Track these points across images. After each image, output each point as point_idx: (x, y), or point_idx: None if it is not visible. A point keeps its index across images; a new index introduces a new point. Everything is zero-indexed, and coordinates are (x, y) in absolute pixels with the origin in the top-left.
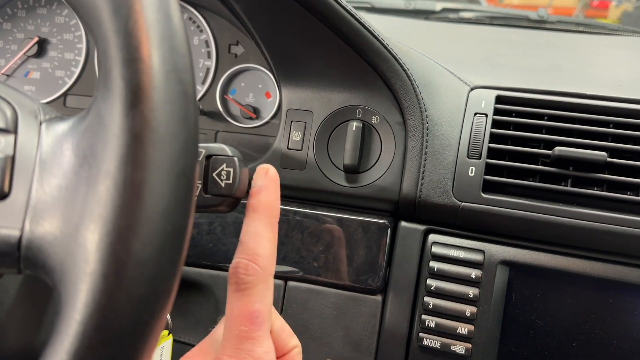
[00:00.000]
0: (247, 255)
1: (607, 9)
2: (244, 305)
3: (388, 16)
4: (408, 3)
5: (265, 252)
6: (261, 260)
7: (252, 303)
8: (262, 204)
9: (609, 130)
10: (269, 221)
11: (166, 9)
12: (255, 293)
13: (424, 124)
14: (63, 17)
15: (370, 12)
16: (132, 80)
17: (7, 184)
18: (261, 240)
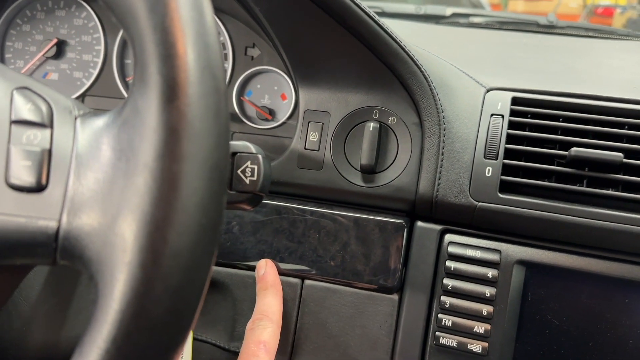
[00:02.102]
0: (261, 314)
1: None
2: (256, 336)
3: (400, 21)
4: (418, 8)
5: (275, 312)
6: (271, 316)
7: (262, 335)
8: (268, 283)
9: (624, 131)
10: (275, 292)
11: (200, 7)
12: (265, 331)
13: (440, 125)
14: (82, 19)
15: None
16: (169, 76)
17: (44, 177)
18: (271, 306)
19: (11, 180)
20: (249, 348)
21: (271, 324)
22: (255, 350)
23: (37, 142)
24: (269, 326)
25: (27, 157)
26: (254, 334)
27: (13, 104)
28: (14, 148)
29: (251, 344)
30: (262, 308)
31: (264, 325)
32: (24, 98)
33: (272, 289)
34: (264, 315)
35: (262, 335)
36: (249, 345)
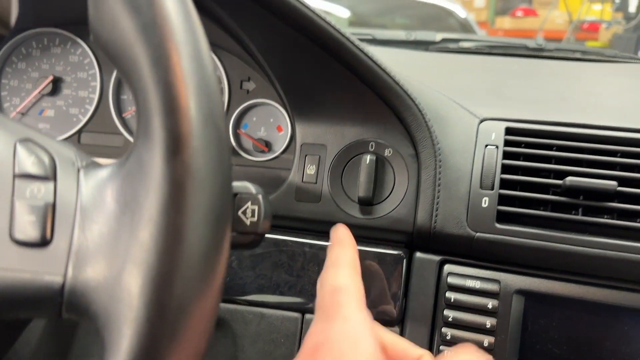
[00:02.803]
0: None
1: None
2: (329, 285)
3: (390, 48)
4: (409, 34)
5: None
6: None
7: (336, 281)
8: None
9: (617, 159)
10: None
11: (201, 59)
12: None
13: (436, 156)
14: (77, 56)
15: (372, 43)
16: (173, 129)
17: (49, 231)
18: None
19: (16, 236)
20: (323, 300)
21: (345, 268)
22: (331, 299)
23: (40, 196)
24: (343, 270)
25: (32, 212)
26: (323, 285)
27: (16, 157)
28: (18, 203)
29: (326, 295)
30: (330, 260)
31: (334, 272)
32: (27, 151)
33: (339, 244)
34: (333, 262)
35: (336, 280)
36: (323, 297)
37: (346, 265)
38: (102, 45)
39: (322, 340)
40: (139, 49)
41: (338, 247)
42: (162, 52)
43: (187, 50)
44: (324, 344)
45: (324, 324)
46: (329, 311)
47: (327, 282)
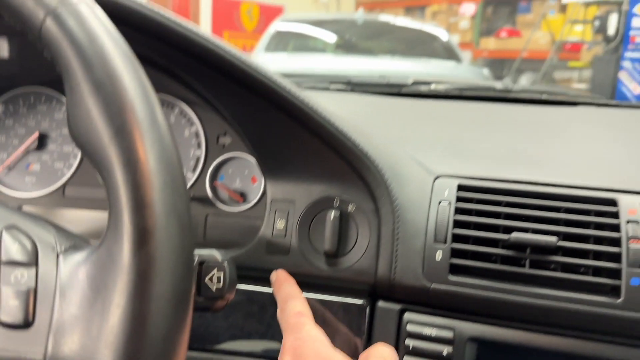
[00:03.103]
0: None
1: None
2: (290, 311)
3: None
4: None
5: (296, 293)
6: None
7: (295, 308)
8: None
9: (560, 215)
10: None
11: (166, 158)
12: (297, 305)
13: (394, 212)
14: (62, 113)
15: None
16: (139, 224)
17: (31, 314)
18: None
19: (1, 318)
20: (288, 323)
21: (299, 299)
22: (296, 320)
23: (24, 281)
24: (298, 301)
25: (16, 297)
26: (286, 312)
27: (2, 245)
28: (4, 288)
29: (290, 319)
30: (282, 295)
31: (293, 303)
32: (12, 238)
33: (286, 282)
34: (287, 297)
35: (294, 308)
36: (288, 321)
37: (298, 296)
38: (78, 143)
39: (299, 344)
40: (111, 151)
41: (286, 284)
42: (132, 155)
43: (154, 152)
44: (300, 346)
45: (295, 335)
46: (295, 328)
47: (290, 310)
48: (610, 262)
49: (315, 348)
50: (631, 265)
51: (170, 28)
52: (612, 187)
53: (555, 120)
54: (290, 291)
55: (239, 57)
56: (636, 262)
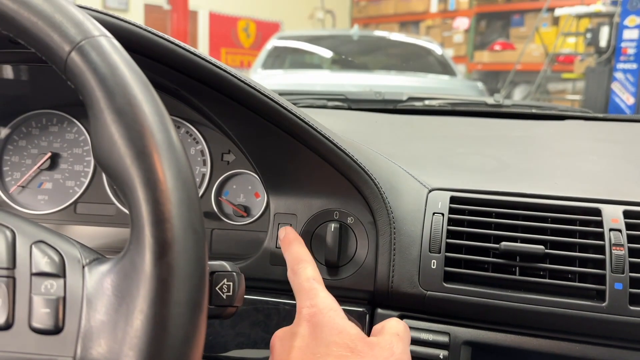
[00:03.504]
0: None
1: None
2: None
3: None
4: (378, 94)
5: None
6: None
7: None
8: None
9: (547, 225)
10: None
11: (184, 177)
12: (307, 269)
13: (391, 224)
14: (73, 133)
15: (344, 103)
16: (160, 237)
17: (61, 321)
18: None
19: (33, 325)
20: (302, 287)
21: (309, 263)
22: (309, 285)
23: (53, 290)
24: (309, 265)
25: (46, 305)
26: (298, 276)
27: (32, 258)
28: (35, 297)
29: (303, 283)
30: (293, 256)
31: (303, 266)
32: (41, 252)
33: (295, 241)
34: (297, 260)
35: (306, 273)
36: (301, 285)
37: (309, 259)
38: (102, 166)
39: (315, 311)
40: (133, 172)
41: (295, 244)
42: (152, 175)
43: (171, 172)
44: (316, 313)
45: (310, 301)
46: (309, 294)
47: (302, 274)
48: (595, 268)
49: (331, 317)
50: (615, 271)
51: (178, 54)
52: (595, 197)
53: (544, 134)
54: (300, 252)
55: (241, 79)
56: (619, 267)
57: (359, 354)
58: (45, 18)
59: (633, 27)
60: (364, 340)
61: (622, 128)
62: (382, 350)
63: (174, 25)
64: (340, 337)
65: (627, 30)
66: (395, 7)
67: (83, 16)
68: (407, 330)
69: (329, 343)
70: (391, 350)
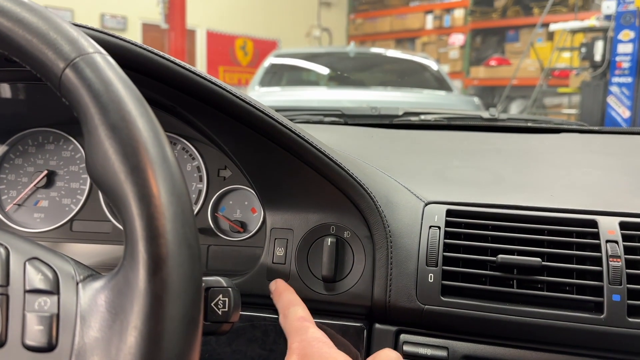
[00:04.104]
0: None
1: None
2: (293, 316)
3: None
4: (375, 109)
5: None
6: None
7: (297, 314)
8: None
9: (544, 237)
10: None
11: (177, 192)
12: (298, 311)
13: (387, 238)
14: (69, 151)
15: (340, 118)
16: (153, 253)
17: (54, 338)
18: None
19: (26, 342)
20: (292, 327)
21: (300, 306)
22: (299, 324)
23: (47, 307)
24: (299, 307)
25: (40, 322)
26: (289, 318)
27: (26, 275)
28: (28, 314)
29: (294, 323)
30: (284, 303)
31: (294, 309)
32: (35, 269)
33: (286, 290)
34: (288, 305)
35: (297, 313)
36: (292, 325)
37: (299, 303)
38: (96, 182)
39: (304, 345)
40: (127, 187)
41: (286, 293)
42: (146, 190)
43: (165, 187)
44: (306, 347)
45: (300, 337)
46: (300, 331)
47: (292, 315)
48: (592, 280)
49: (319, 348)
50: (612, 282)
51: (174, 71)
52: (592, 209)
53: (539, 147)
54: (291, 298)
55: (236, 95)
56: (617, 279)
57: None
58: (39, 35)
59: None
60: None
61: (617, 141)
62: None
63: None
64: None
65: (621, 44)
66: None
67: (77, 33)
68: (399, 358)
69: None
70: None
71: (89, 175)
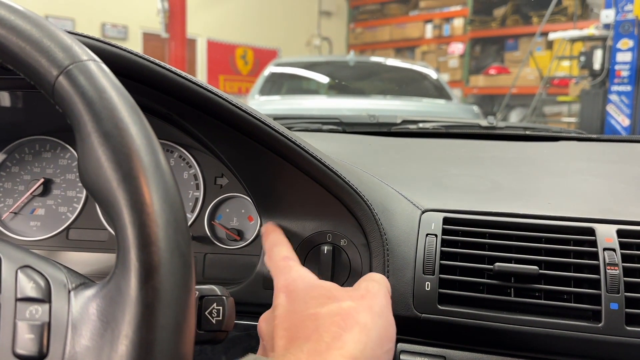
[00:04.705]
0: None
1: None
2: (276, 256)
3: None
4: (373, 117)
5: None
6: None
7: (281, 253)
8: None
9: (541, 245)
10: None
11: (171, 200)
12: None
13: (384, 246)
14: (66, 159)
15: (339, 126)
16: (145, 261)
17: (45, 347)
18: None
19: (17, 351)
20: (277, 266)
21: (284, 245)
22: (284, 263)
23: (38, 316)
24: (284, 246)
25: (31, 331)
26: (273, 258)
27: (18, 283)
28: (19, 323)
29: (279, 262)
30: (269, 243)
31: (279, 248)
32: (26, 277)
33: (272, 232)
34: (273, 244)
35: (281, 253)
36: (277, 264)
37: (284, 242)
38: (88, 189)
39: (290, 282)
40: (119, 195)
41: (272, 234)
42: (138, 198)
43: (158, 194)
44: (291, 283)
45: (285, 276)
46: (284, 270)
47: (276, 255)
48: (590, 288)
49: (305, 282)
50: (610, 290)
51: (170, 79)
52: (589, 217)
53: (537, 155)
54: (276, 239)
55: (232, 102)
56: (614, 287)
57: (335, 299)
58: (33, 43)
59: (626, 49)
60: (339, 288)
61: (616, 149)
62: (357, 291)
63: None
64: (316, 291)
65: (620, 53)
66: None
67: (71, 41)
68: (383, 277)
69: (306, 300)
70: (367, 290)
71: (82, 183)
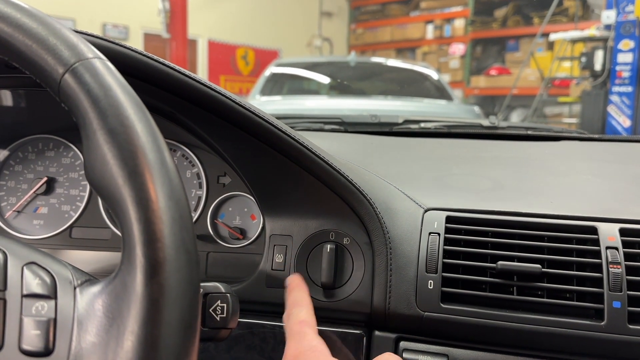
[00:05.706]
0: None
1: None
2: (295, 319)
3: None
4: (374, 117)
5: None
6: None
7: (299, 316)
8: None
9: (544, 244)
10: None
11: (175, 196)
12: (302, 313)
13: (387, 244)
14: (69, 158)
15: (340, 126)
16: (151, 257)
17: (51, 343)
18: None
19: (23, 347)
20: (292, 330)
21: (304, 307)
22: (299, 328)
23: (44, 312)
24: (304, 309)
25: (37, 327)
26: (291, 319)
27: (24, 280)
28: (25, 319)
29: (294, 326)
30: (291, 300)
31: (298, 310)
32: (32, 273)
33: (297, 287)
34: (294, 304)
35: (299, 316)
36: (292, 328)
37: (305, 304)
38: (94, 186)
39: (299, 352)
40: (125, 191)
41: (296, 291)
42: (143, 194)
43: (163, 191)
44: (299, 354)
45: (296, 344)
46: (298, 337)
47: (294, 317)
48: (592, 287)
49: (315, 356)
50: (612, 289)
51: (174, 77)
52: (591, 215)
53: (539, 155)
54: (298, 297)
55: (235, 101)
56: (617, 286)
57: None
58: (39, 41)
59: (627, 50)
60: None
61: (617, 148)
62: None
63: (173, 54)
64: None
65: (621, 54)
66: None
67: (77, 39)
68: None
69: None
70: None
71: (87, 180)
